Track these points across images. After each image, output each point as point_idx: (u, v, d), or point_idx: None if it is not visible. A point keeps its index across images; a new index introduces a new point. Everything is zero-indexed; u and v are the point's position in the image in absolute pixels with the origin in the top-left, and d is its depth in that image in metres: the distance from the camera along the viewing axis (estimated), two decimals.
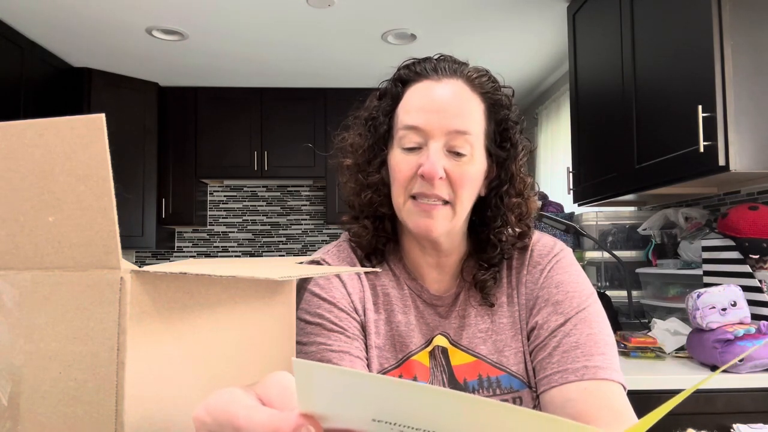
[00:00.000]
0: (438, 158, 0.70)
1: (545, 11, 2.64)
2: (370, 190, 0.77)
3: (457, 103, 0.73)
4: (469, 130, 0.72)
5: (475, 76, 0.75)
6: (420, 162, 0.71)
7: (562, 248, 0.80)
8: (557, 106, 3.38)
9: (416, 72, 0.76)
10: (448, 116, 0.71)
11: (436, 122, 0.71)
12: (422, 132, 0.72)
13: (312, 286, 0.75)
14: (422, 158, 0.71)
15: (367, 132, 0.79)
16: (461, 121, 0.72)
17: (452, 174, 0.71)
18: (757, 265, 1.52)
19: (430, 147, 0.71)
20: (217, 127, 3.81)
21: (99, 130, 0.34)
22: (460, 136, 0.71)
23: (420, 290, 0.79)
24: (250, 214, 4.19)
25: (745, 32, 1.43)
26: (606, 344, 0.70)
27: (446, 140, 0.71)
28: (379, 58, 3.26)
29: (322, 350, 0.70)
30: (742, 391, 1.37)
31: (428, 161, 0.70)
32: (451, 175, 0.71)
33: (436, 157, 0.70)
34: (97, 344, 0.35)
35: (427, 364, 0.75)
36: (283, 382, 0.30)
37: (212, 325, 0.44)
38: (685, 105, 1.53)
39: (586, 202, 2.25)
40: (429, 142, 0.71)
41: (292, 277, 0.41)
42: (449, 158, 0.72)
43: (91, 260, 0.35)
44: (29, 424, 0.35)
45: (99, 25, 2.81)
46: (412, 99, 0.74)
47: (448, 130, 0.71)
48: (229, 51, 3.18)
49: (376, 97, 0.81)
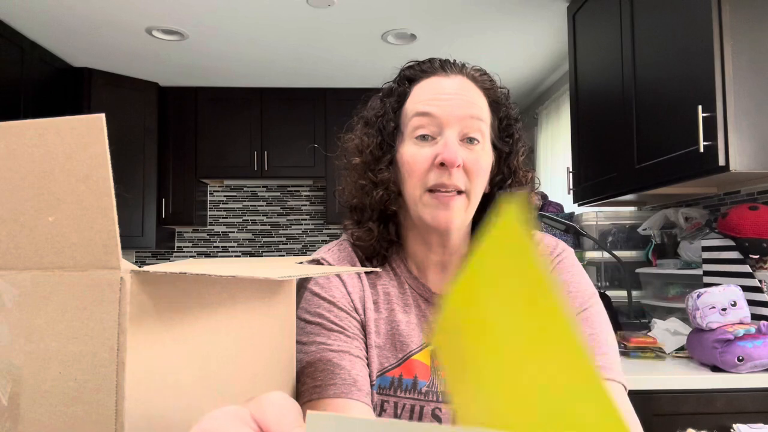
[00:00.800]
0: (456, 145, 0.71)
1: (545, 11, 2.64)
2: (381, 187, 0.76)
3: (467, 93, 0.74)
4: (482, 117, 0.74)
5: (477, 75, 0.77)
6: (437, 152, 0.71)
7: (564, 248, 0.81)
8: (557, 106, 3.38)
9: (422, 70, 0.78)
10: (462, 103, 0.73)
11: (449, 109, 0.72)
12: (436, 119, 0.72)
13: (312, 285, 0.75)
14: (439, 147, 0.72)
15: (374, 131, 0.78)
16: (474, 107, 0.73)
17: (468, 162, 0.72)
18: (757, 265, 1.52)
19: (446, 135, 0.72)
20: (217, 127, 3.81)
21: (99, 130, 0.34)
22: (474, 121, 0.72)
23: (422, 289, 0.79)
24: (250, 214, 4.19)
25: (745, 32, 1.43)
26: (608, 344, 0.71)
27: (460, 128, 0.72)
28: (379, 58, 3.26)
29: (321, 350, 0.70)
30: (742, 391, 1.37)
31: (447, 149, 0.70)
32: (467, 163, 0.72)
33: (454, 144, 0.71)
34: (97, 344, 0.35)
35: (428, 363, 0.75)
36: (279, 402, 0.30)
37: (212, 325, 0.44)
38: (685, 105, 1.53)
39: (586, 202, 2.25)
40: (444, 130, 0.72)
41: (292, 277, 0.41)
42: (463, 146, 0.72)
43: (91, 260, 0.35)
44: (29, 424, 0.35)
45: (99, 25, 2.81)
46: (423, 92, 0.75)
47: (463, 116, 0.72)
48: (229, 51, 3.18)
49: (379, 97, 0.81)
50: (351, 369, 0.69)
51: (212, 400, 0.43)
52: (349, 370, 0.69)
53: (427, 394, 0.73)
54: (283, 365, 0.58)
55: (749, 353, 1.35)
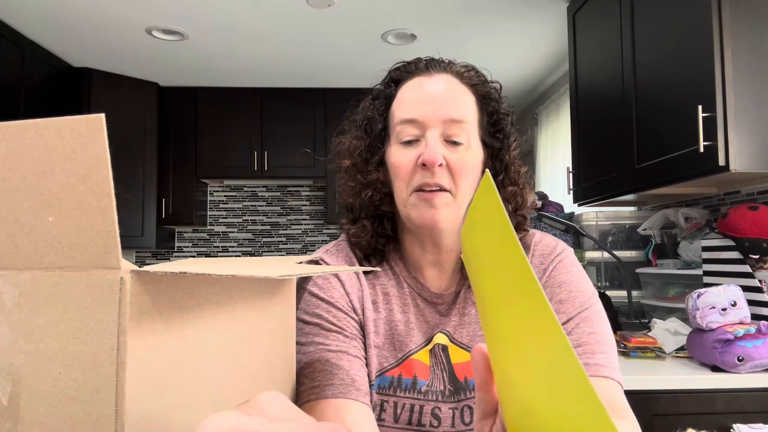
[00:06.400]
0: (436, 145, 0.72)
1: (545, 11, 2.64)
2: (370, 188, 0.78)
3: (450, 94, 0.75)
4: (464, 119, 0.74)
5: (463, 71, 0.78)
6: (419, 153, 0.72)
7: (564, 248, 0.81)
8: (557, 106, 3.38)
9: (407, 71, 0.78)
10: (443, 106, 0.73)
11: (431, 113, 0.73)
12: (419, 123, 0.73)
13: (310, 286, 0.76)
14: (421, 148, 0.73)
15: (363, 133, 0.80)
16: (456, 109, 0.74)
17: (451, 162, 0.72)
18: (757, 265, 1.52)
19: (427, 136, 0.73)
20: (217, 127, 3.81)
21: (99, 130, 0.34)
22: (455, 124, 0.73)
23: (420, 288, 0.79)
24: (250, 214, 4.19)
25: (745, 32, 1.43)
26: (607, 343, 0.71)
27: (443, 129, 0.73)
28: (379, 58, 3.26)
29: (320, 350, 0.70)
30: (742, 391, 1.37)
31: (427, 149, 0.71)
32: (450, 163, 0.72)
33: (435, 144, 0.72)
34: (97, 344, 0.35)
35: (428, 362, 0.75)
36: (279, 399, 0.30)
37: (212, 325, 0.44)
38: (685, 105, 1.53)
39: (586, 202, 2.25)
40: (426, 132, 0.73)
41: (292, 276, 0.41)
42: (447, 147, 0.73)
43: (91, 260, 0.35)
44: (29, 424, 0.35)
45: (99, 24, 2.81)
46: (406, 94, 0.76)
47: (444, 119, 0.73)
48: (229, 51, 3.18)
49: (369, 100, 0.83)
50: (349, 369, 0.69)
51: (212, 399, 0.43)
52: (347, 370, 0.69)
53: (427, 394, 0.74)
54: (282, 364, 0.58)
55: (749, 353, 1.35)
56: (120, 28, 2.86)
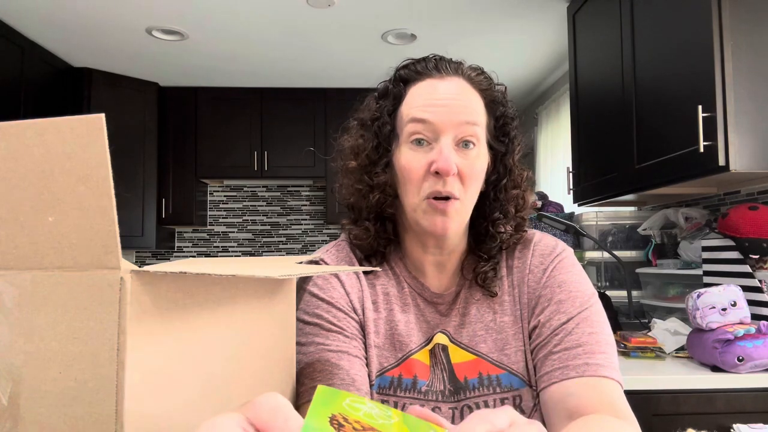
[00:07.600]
0: (450, 153, 0.71)
1: (545, 11, 2.64)
2: (378, 190, 0.76)
3: (463, 97, 0.74)
4: (477, 122, 0.73)
5: (474, 75, 0.77)
6: (431, 158, 0.71)
7: (564, 248, 0.81)
8: (557, 106, 3.38)
9: (417, 71, 0.77)
10: (456, 109, 0.72)
11: (445, 116, 0.72)
12: (430, 125, 0.72)
13: (310, 286, 0.76)
14: (434, 155, 0.71)
15: (370, 133, 0.78)
16: (469, 112, 0.73)
17: (462, 168, 0.72)
18: (757, 265, 1.52)
19: (441, 142, 0.72)
20: (217, 127, 3.81)
21: (99, 130, 0.34)
22: (470, 126, 0.72)
23: (421, 288, 0.79)
24: (250, 214, 4.19)
25: (745, 32, 1.43)
26: (607, 344, 0.71)
27: (456, 134, 0.72)
28: (379, 58, 3.26)
29: (320, 350, 0.70)
30: (742, 391, 1.37)
31: (441, 156, 0.70)
32: (461, 169, 0.72)
33: (449, 152, 0.71)
34: (97, 344, 0.35)
35: (428, 362, 0.75)
36: (271, 402, 0.30)
37: (212, 325, 0.44)
38: (685, 105, 1.53)
39: (586, 202, 2.25)
40: (440, 137, 0.72)
41: (292, 276, 0.41)
42: (458, 151, 0.72)
43: (91, 260, 0.35)
44: (29, 424, 0.35)
45: (99, 25, 2.81)
46: (418, 96, 0.75)
47: (458, 122, 0.72)
48: (229, 51, 3.18)
49: (374, 99, 0.81)
50: (349, 369, 0.69)
51: (212, 399, 0.43)
52: (347, 370, 0.69)
53: (427, 393, 0.74)
54: (283, 364, 0.58)
55: (749, 353, 1.35)
56: (120, 28, 2.86)
